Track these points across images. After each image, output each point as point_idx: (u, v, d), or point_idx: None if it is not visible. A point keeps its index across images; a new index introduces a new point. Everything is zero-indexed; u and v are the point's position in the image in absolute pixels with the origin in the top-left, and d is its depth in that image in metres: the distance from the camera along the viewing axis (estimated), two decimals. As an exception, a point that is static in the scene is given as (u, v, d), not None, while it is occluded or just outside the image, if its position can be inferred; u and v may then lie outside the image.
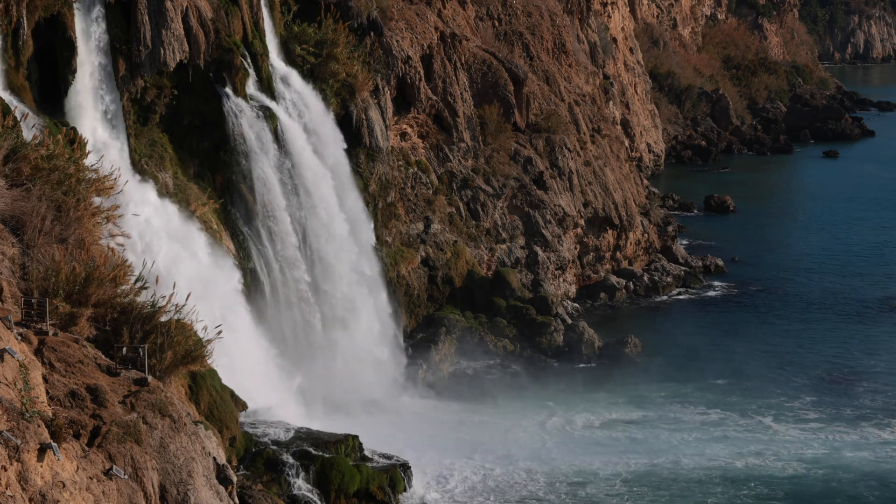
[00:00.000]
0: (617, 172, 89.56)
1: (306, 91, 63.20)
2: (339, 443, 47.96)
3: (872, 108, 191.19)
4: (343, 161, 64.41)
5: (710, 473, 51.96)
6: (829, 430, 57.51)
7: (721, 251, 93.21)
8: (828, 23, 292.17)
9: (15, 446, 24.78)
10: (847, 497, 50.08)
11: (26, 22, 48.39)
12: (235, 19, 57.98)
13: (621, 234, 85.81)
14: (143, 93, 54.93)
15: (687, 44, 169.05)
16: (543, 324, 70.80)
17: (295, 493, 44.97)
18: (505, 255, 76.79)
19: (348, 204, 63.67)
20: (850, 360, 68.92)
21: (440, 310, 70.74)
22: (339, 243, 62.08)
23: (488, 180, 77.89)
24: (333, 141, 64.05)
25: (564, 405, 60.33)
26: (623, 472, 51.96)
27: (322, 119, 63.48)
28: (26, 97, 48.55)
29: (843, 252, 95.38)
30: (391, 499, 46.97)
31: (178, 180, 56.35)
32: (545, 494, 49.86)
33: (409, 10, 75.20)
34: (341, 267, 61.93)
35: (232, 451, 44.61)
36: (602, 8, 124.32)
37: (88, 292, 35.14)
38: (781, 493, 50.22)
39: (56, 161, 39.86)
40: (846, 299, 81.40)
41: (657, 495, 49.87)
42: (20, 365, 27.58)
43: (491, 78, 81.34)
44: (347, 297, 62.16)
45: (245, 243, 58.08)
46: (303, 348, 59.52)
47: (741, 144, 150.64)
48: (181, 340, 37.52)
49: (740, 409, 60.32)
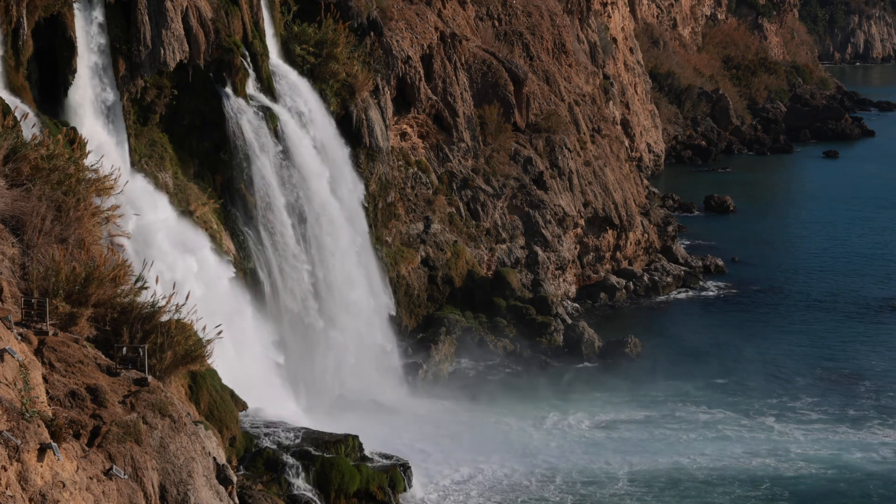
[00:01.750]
0: (617, 172, 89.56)
1: (306, 91, 63.19)
2: (339, 443, 47.95)
3: (872, 108, 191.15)
4: (343, 161, 64.41)
5: (715, 474, 51.92)
6: (833, 430, 57.45)
7: (721, 251, 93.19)
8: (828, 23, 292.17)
9: (15, 446, 24.77)
10: (853, 498, 50.01)
11: (26, 22, 48.37)
12: (235, 19, 57.96)
13: (621, 234, 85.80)
14: (143, 93, 54.92)
15: (687, 44, 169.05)
16: (543, 324, 70.79)
17: (295, 493, 44.95)
18: (505, 255, 76.78)
19: (348, 204, 63.66)
20: (850, 361, 68.90)
21: (440, 310, 70.74)
22: (339, 243, 62.07)
23: (488, 180, 77.89)
24: (334, 141, 64.05)
25: (565, 405, 60.32)
26: (627, 472, 51.90)
27: (322, 119, 63.48)
28: (26, 97, 48.52)
29: (844, 252, 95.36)
30: (391, 499, 46.95)
31: (178, 180, 56.33)
32: (548, 495, 49.82)
33: (409, 10, 75.20)
34: (341, 267, 61.92)
35: (232, 451, 44.59)
36: (602, 8, 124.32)
37: (88, 292, 35.13)
38: (787, 493, 50.18)
39: (56, 161, 39.84)
40: (846, 299, 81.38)
41: (663, 495, 49.82)
42: (20, 365, 27.57)
43: (491, 78, 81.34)
44: (347, 296, 62.15)
45: (245, 243, 58.06)
46: (303, 348, 59.51)
47: (741, 144, 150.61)
48: (181, 340, 37.51)
49: (742, 409, 60.30)
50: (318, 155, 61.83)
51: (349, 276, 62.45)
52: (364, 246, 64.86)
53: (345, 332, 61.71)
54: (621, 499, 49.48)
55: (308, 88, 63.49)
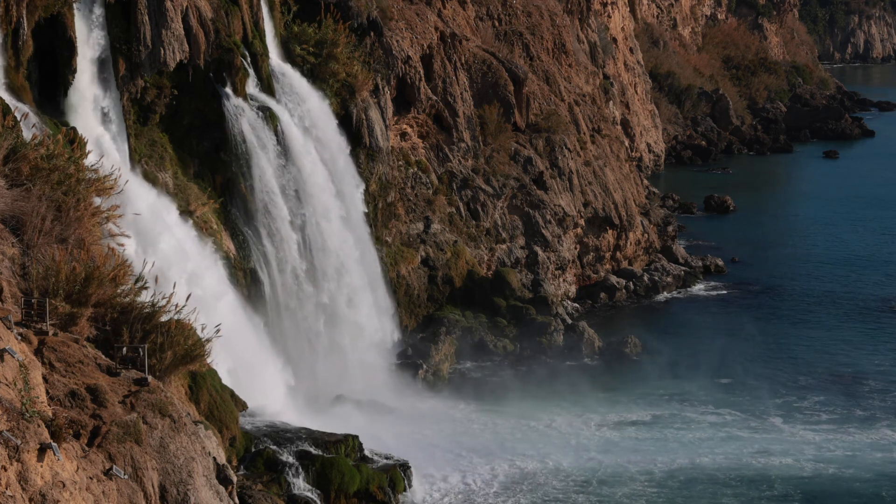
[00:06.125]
0: (617, 172, 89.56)
1: (306, 91, 63.21)
2: (339, 443, 47.96)
3: (872, 108, 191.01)
4: (343, 160, 64.42)
5: (725, 474, 51.81)
6: (842, 430, 57.35)
7: (721, 251, 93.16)
8: (828, 23, 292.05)
9: (15, 446, 24.77)
10: (865, 498, 49.93)
11: (26, 22, 48.38)
12: (235, 19, 57.97)
13: (621, 234, 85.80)
14: (143, 93, 54.92)
15: (687, 44, 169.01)
16: (543, 324, 70.79)
17: (295, 493, 44.96)
18: (505, 255, 76.78)
19: (348, 204, 63.68)
20: (853, 361, 68.86)
21: (440, 310, 70.73)
22: (339, 243, 62.09)
23: (488, 180, 77.88)
24: (334, 141, 64.07)
25: (566, 405, 60.26)
26: (629, 473, 51.77)
27: (322, 119, 63.50)
28: (26, 97, 48.52)
29: (843, 252, 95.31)
30: (391, 499, 46.95)
31: (178, 180, 56.35)
32: (551, 495, 49.75)
33: (409, 10, 75.20)
34: (341, 266, 61.94)
35: (232, 451, 44.60)
36: (602, 8, 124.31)
37: (88, 292, 35.13)
38: (799, 493, 50.14)
39: (56, 161, 39.85)
40: (846, 299, 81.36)
41: (679, 496, 49.74)
42: (20, 365, 27.57)
43: (491, 78, 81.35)
44: (347, 296, 62.17)
45: (245, 243, 58.08)
46: (303, 348, 59.54)
47: (741, 144, 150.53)
48: (181, 340, 37.52)
49: (749, 409, 60.16)
50: (318, 155, 61.85)
51: (349, 275, 62.46)
52: (364, 246, 64.85)
53: (345, 332, 61.72)
54: (636, 499, 49.31)
55: (308, 88, 63.51)
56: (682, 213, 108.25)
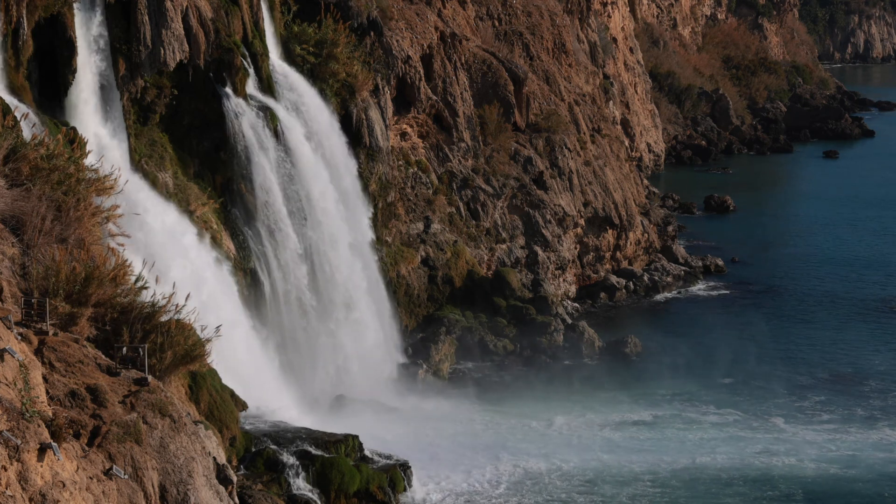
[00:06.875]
0: (617, 172, 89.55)
1: (307, 91, 63.18)
2: (339, 443, 47.94)
3: (872, 108, 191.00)
4: (343, 160, 64.40)
5: (728, 474, 51.79)
6: (844, 430, 57.32)
7: (721, 251, 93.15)
8: (828, 23, 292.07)
9: (15, 446, 24.75)
10: (868, 498, 49.91)
11: (26, 22, 48.35)
12: (235, 19, 57.95)
13: (621, 234, 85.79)
14: (143, 93, 54.91)
15: (687, 44, 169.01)
16: (543, 324, 70.77)
17: (295, 493, 44.94)
18: (505, 255, 76.76)
19: (348, 203, 63.65)
20: (853, 361, 68.83)
21: (440, 310, 70.72)
22: (339, 243, 62.06)
23: (488, 180, 77.86)
24: (334, 141, 64.04)
25: (566, 405, 60.23)
26: (633, 473, 51.70)
27: (322, 119, 63.47)
28: (26, 97, 48.49)
29: (843, 252, 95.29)
30: (391, 499, 46.93)
31: (178, 180, 56.33)
32: (555, 495, 49.71)
33: (409, 10, 75.19)
34: (341, 266, 61.91)
35: (232, 451, 44.59)
36: (602, 8, 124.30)
37: (88, 292, 35.10)
38: (802, 493, 50.12)
39: (56, 161, 39.82)
40: (846, 299, 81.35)
41: (676, 495, 49.70)
42: (20, 365, 27.55)
43: (491, 78, 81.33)
44: (347, 296, 62.14)
45: (245, 243, 58.06)
46: (303, 348, 59.51)
47: (741, 144, 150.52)
48: (181, 340, 37.50)
49: (750, 409, 60.11)
50: (317, 154, 61.83)
51: (349, 275, 62.43)
52: (364, 245, 64.83)
53: (345, 332, 61.68)
54: (640, 500, 49.27)
55: (308, 88, 63.48)
56: (682, 213, 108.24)
